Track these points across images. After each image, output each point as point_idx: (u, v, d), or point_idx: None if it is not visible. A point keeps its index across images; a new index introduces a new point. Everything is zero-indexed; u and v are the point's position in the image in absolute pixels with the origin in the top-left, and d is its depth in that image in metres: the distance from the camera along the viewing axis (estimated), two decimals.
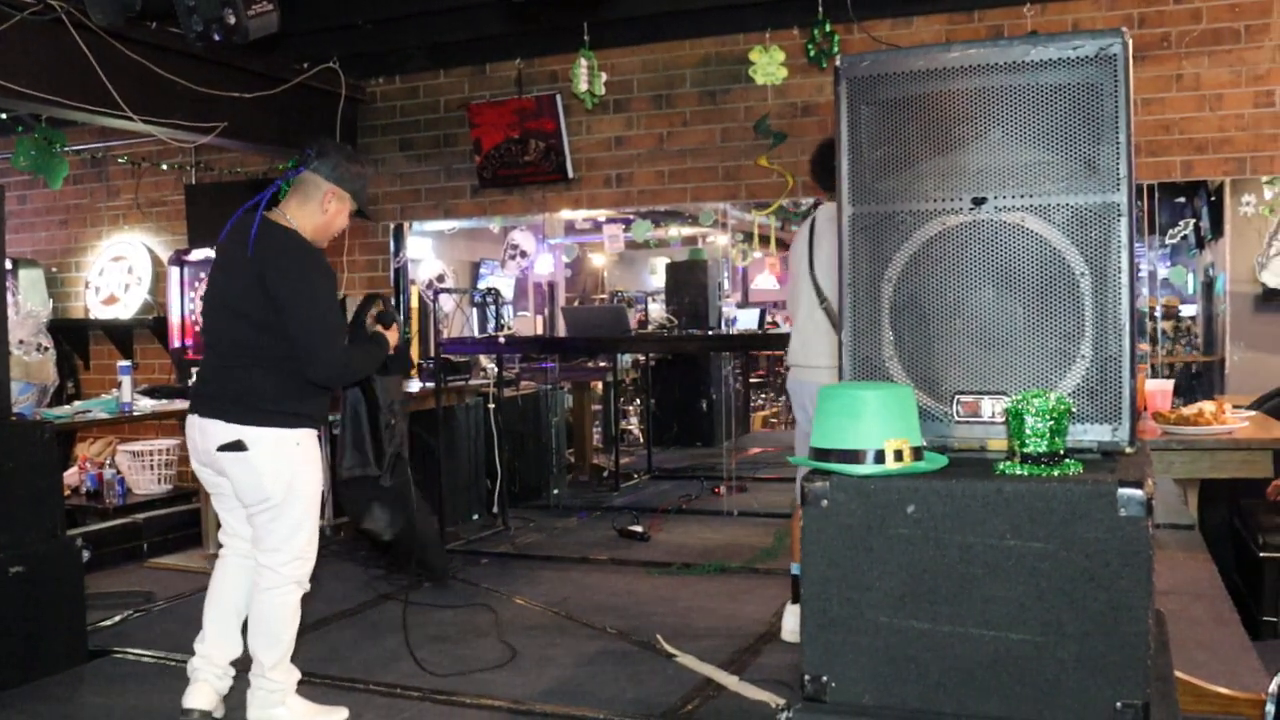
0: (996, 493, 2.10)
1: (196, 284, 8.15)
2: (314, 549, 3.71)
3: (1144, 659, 2.01)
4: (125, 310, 8.75)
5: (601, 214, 8.99)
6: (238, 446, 3.52)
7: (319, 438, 3.80)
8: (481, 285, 9.62)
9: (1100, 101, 2.26)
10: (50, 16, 5.34)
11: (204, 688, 3.72)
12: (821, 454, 2.24)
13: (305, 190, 3.67)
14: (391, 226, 7.99)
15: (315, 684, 4.06)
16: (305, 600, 3.53)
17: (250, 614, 3.68)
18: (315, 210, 3.67)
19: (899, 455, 2.19)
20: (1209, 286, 8.25)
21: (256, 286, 3.53)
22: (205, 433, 3.61)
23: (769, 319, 10.67)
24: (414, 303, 8.60)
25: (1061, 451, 2.16)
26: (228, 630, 3.77)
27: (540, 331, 10.26)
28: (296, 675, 3.75)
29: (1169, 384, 4.28)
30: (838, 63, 2.49)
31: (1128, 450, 2.29)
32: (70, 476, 7.55)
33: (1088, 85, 2.27)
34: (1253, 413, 4.42)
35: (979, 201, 2.37)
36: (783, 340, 5.13)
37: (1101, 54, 2.26)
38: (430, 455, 6.58)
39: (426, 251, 10.09)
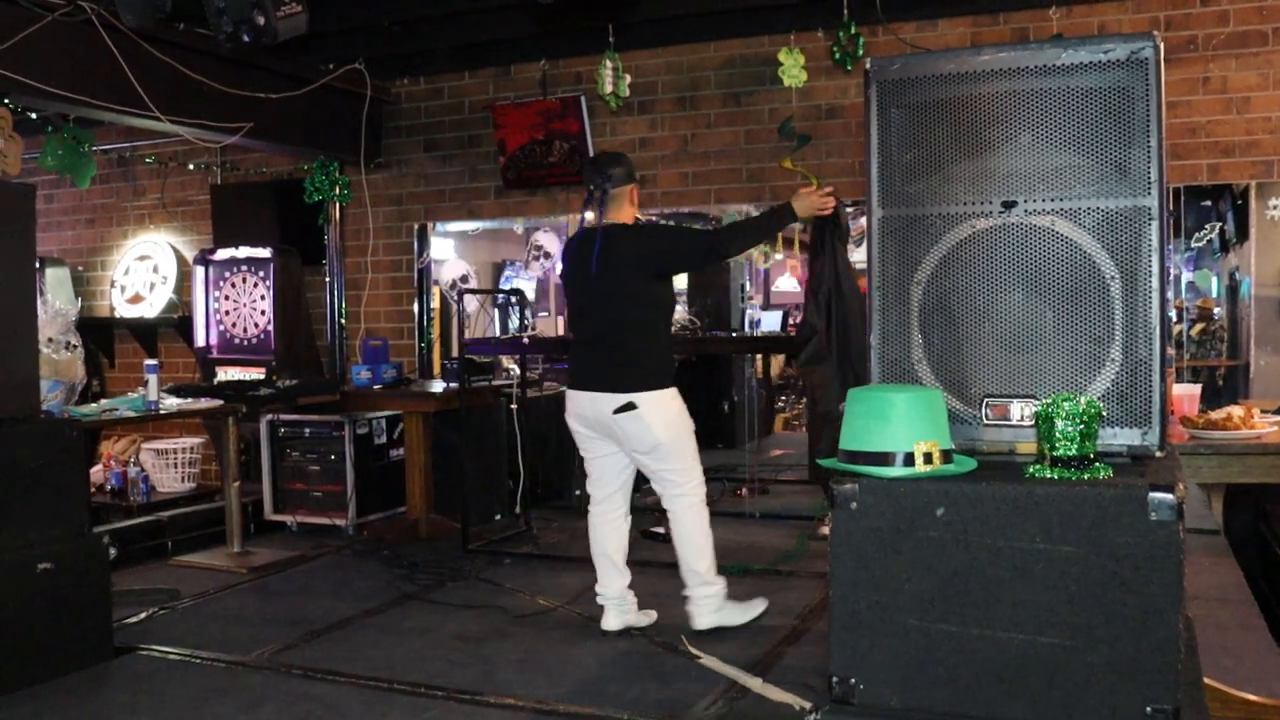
0: (1026, 496, 2.10)
1: (221, 283, 8.19)
2: (703, 477, 4.60)
3: (1175, 664, 2.01)
4: (150, 309, 8.82)
5: None
6: (630, 407, 4.39)
7: None
8: (505, 286, 9.61)
9: (1131, 105, 2.26)
10: (80, 18, 5.39)
11: (612, 614, 4.64)
12: (851, 456, 2.24)
13: (618, 202, 4.56)
14: (415, 227, 8.03)
15: (339, 683, 4.09)
16: (327, 600, 3.50)
17: (676, 537, 4.56)
18: (629, 207, 4.60)
19: (928, 458, 2.19)
20: (1234, 290, 8.19)
21: (635, 268, 4.42)
22: (596, 403, 4.49)
23: (791, 321, 10.64)
24: (436, 303, 8.63)
25: (1091, 455, 2.15)
26: (611, 569, 4.66)
27: (562, 332, 10.27)
28: (724, 579, 4.59)
29: (1196, 389, 4.26)
30: (867, 65, 2.49)
31: (1158, 454, 2.28)
32: (95, 474, 7.60)
33: (1119, 89, 2.27)
34: None
35: (1009, 205, 2.37)
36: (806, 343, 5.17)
37: (1133, 57, 2.25)
38: (453, 455, 6.60)
39: (449, 252, 10.12)
